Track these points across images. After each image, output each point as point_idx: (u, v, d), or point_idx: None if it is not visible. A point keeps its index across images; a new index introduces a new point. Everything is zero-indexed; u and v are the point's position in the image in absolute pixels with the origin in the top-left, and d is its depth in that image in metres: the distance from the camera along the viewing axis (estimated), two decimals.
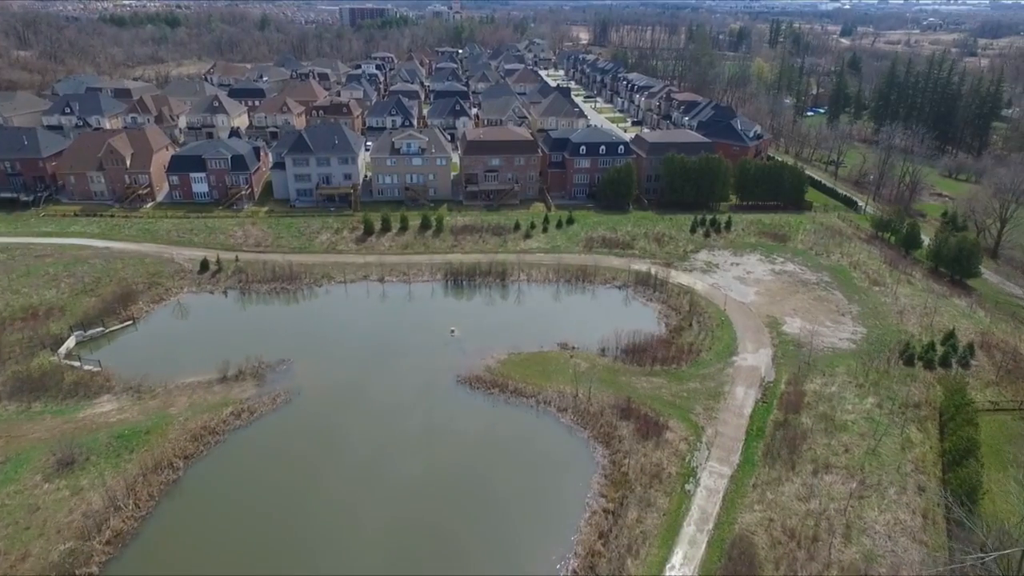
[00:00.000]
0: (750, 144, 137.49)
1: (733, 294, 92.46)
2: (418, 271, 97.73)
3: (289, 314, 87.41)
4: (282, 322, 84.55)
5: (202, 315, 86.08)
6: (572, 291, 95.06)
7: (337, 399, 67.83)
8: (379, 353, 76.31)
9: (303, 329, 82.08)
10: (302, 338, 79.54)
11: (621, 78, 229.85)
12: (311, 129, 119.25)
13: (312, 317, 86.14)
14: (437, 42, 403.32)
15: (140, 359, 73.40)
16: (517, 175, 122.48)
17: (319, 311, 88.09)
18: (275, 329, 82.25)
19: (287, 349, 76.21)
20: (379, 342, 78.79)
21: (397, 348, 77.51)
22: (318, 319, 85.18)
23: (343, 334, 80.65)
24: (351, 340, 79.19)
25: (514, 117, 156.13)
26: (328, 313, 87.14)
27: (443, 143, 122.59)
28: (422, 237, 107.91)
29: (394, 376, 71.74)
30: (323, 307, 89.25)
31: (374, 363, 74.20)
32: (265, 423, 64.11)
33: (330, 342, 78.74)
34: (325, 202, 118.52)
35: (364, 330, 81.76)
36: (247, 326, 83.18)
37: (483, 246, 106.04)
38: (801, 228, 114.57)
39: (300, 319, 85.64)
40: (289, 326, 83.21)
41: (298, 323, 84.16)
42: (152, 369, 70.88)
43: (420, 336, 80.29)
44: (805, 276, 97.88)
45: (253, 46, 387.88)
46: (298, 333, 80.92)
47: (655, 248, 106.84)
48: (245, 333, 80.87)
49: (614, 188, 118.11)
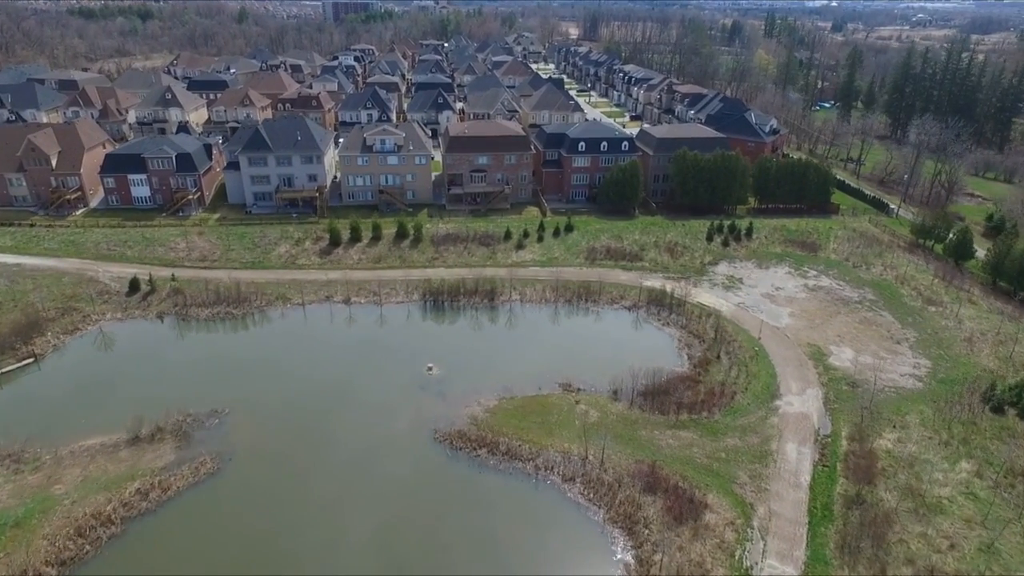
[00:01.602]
0: (767, 140, 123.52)
1: (764, 316, 78.28)
2: (391, 290, 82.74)
3: (232, 346, 72.09)
4: (222, 357, 69.21)
5: (124, 349, 70.52)
6: (573, 313, 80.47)
7: (276, 468, 52.70)
8: (338, 399, 61.31)
9: (247, 367, 66.83)
10: (244, 379, 64.42)
11: (617, 70, 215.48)
12: (270, 124, 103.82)
13: (260, 350, 70.87)
14: (422, 35, 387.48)
15: (31, 412, 57.95)
16: (507, 175, 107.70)
17: (269, 342, 72.86)
18: (212, 367, 66.97)
19: (224, 393, 61.21)
20: (339, 383, 63.79)
21: (361, 392, 62.56)
22: (267, 353, 69.93)
23: (296, 373, 65.52)
24: (305, 381, 64.07)
25: (503, 111, 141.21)
26: (280, 345, 71.92)
27: (422, 139, 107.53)
28: (397, 248, 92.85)
29: (354, 433, 56.77)
30: (275, 337, 74.04)
31: (331, 414, 59.18)
32: (180, 504, 48.89)
33: (279, 384, 63.61)
34: (287, 208, 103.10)
35: (322, 367, 66.67)
36: (178, 363, 67.70)
37: (468, 259, 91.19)
38: (831, 235, 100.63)
39: (245, 353, 70.32)
40: (230, 362, 67.91)
41: (242, 358, 68.84)
42: (44, 427, 55.49)
43: (390, 375, 65.39)
44: (845, 293, 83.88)
45: (229, 40, 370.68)
46: (240, 372, 65.74)
47: (667, 260, 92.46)
48: (175, 373, 65.51)
49: (618, 190, 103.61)
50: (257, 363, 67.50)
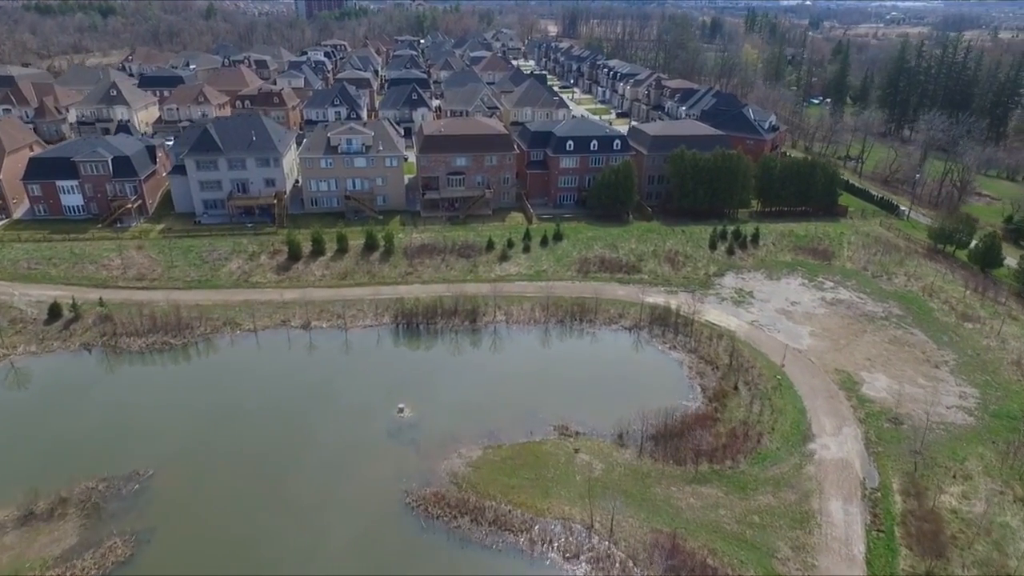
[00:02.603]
0: (767, 137, 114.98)
1: (781, 336, 69.24)
2: (358, 311, 72.25)
3: (168, 385, 60.97)
4: (155, 399, 58.12)
5: (36, 391, 59.22)
6: (566, 335, 70.73)
7: (206, 550, 42.12)
8: (290, 453, 50.82)
9: (184, 410, 55.93)
10: (179, 426, 53.60)
11: (600, 65, 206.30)
12: (222, 122, 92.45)
13: (201, 389, 59.91)
14: (398, 32, 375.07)
15: None
16: (488, 178, 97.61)
17: (212, 379, 61.94)
18: (141, 412, 55.96)
19: (152, 447, 50.58)
20: (292, 431, 53.28)
21: (318, 442, 52.14)
22: (209, 392, 59.06)
23: (241, 418, 54.87)
24: (251, 429, 53.48)
25: (483, 108, 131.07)
26: (225, 382, 61.09)
27: (393, 139, 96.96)
28: (366, 262, 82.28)
29: (307, 498, 46.34)
30: (219, 372, 63.15)
31: (279, 473, 48.68)
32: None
33: (219, 432, 52.95)
34: (241, 216, 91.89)
35: (273, 410, 56.06)
36: (100, 408, 56.55)
37: (446, 273, 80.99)
38: (844, 241, 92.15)
39: (182, 393, 59.30)
40: (164, 405, 56.90)
41: (178, 400, 57.82)
42: None
43: (355, 419, 55.02)
44: (868, 308, 75.21)
45: (195, 36, 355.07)
46: (175, 417, 54.87)
47: (668, 271, 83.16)
48: (93, 421, 54.47)
49: (611, 193, 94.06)
50: (196, 406, 56.62)
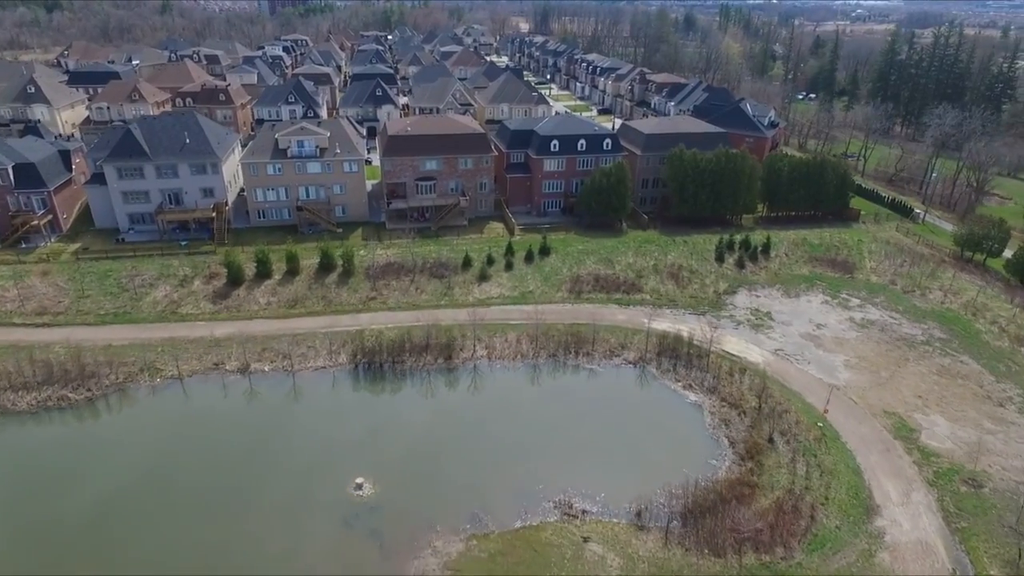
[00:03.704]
0: (768, 134, 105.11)
1: (813, 369, 58.83)
2: (309, 349, 59.86)
3: (57, 458, 47.87)
4: (34, 482, 45.10)
5: None
6: (560, 373, 59.35)
7: None
8: (210, 556, 38.42)
9: (67, 498, 43.12)
10: (59, 520, 40.81)
11: (579, 60, 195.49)
12: (149, 123, 78.84)
13: (102, 462, 47.07)
14: (364, 27, 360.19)
15: None
16: (463, 183, 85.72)
17: (120, 446, 48.99)
18: (18, 500, 42.97)
19: (18, 549, 37.64)
20: (216, 523, 40.90)
21: (251, 539, 39.87)
22: (111, 468, 46.26)
23: (143, 504, 42.27)
24: (159, 518, 40.90)
25: (455, 104, 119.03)
26: (135, 450, 48.22)
27: (353, 139, 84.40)
28: (320, 285, 69.77)
29: None
30: (129, 436, 50.17)
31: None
32: None
33: (112, 529, 40.30)
34: (175, 233, 78.56)
35: (193, 492, 43.57)
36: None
37: (416, 297, 68.95)
38: (863, 250, 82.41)
39: (79, 467, 46.36)
40: (44, 492, 43.96)
41: (66, 481, 44.90)
42: None
43: (300, 499, 42.88)
44: (905, 330, 65.27)
45: (148, 33, 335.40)
46: (55, 508, 42.03)
47: (672, 290, 72.32)
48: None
49: (602, 199, 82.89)
50: (93, 487, 43.84)
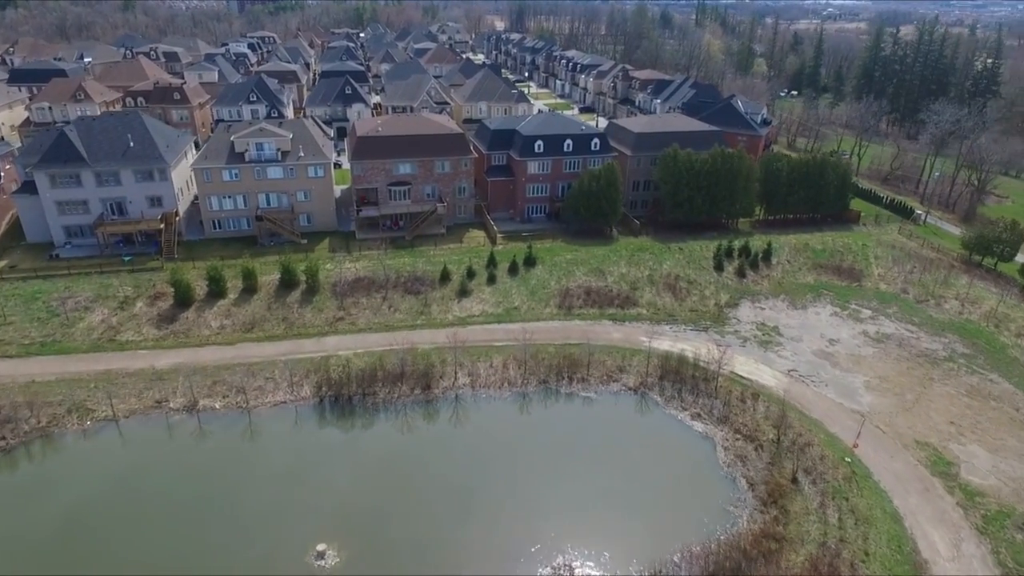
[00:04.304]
0: (761, 132, 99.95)
1: (831, 392, 53.23)
2: (268, 381, 52.62)
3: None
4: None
5: None
6: (552, 402, 52.96)
7: None
8: None
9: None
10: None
11: (558, 57, 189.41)
12: (87, 124, 70.56)
13: (12, 526, 39.39)
14: (335, 24, 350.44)
15: None
16: (440, 188, 78.83)
17: (36, 505, 41.30)
18: None
19: None
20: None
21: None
22: (24, 531, 38.63)
23: (64, 572, 34.94)
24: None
25: (430, 103, 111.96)
26: (54, 509, 40.62)
27: (318, 141, 76.99)
28: (281, 305, 62.40)
29: None
30: (48, 493, 42.53)
31: None
32: None
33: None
34: (119, 246, 70.49)
35: (121, 558, 36.22)
36: None
37: (389, 317, 61.96)
38: (869, 255, 77.36)
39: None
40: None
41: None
42: None
43: (249, 572, 35.87)
44: (925, 345, 60.09)
45: (109, 30, 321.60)
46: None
47: (670, 303, 66.36)
48: None
49: (591, 204, 76.61)
50: (2, 556, 36.28)
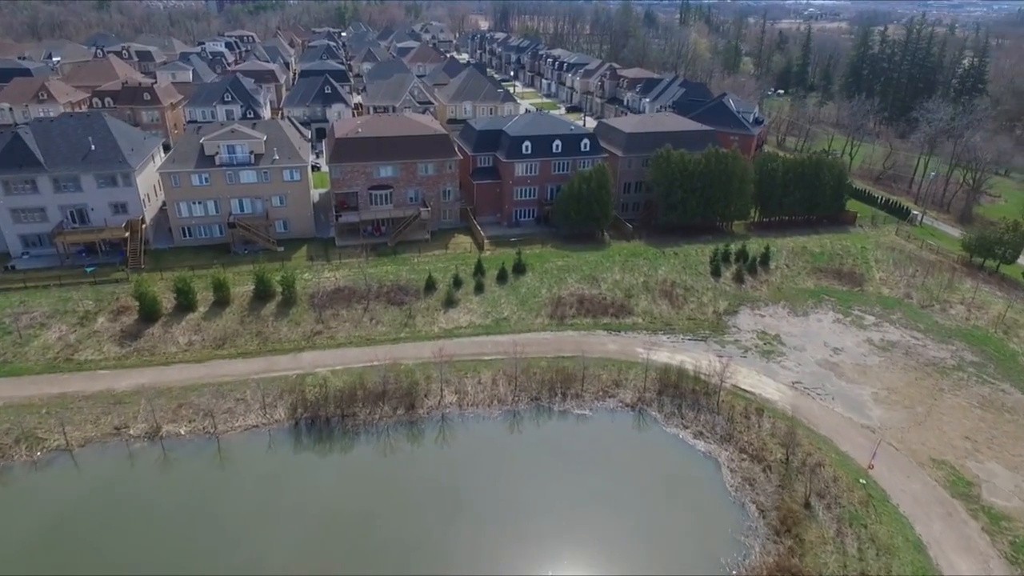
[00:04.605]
0: (754, 132, 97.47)
1: (839, 406, 50.44)
2: (239, 403, 48.76)
3: None
4: None
5: None
6: (545, 421, 49.66)
7: None
8: None
9: None
10: None
11: (544, 55, 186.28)
12: (44, 126, 66.02)
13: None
14: (316, 23, 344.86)
15: None
16: (424, 192, 75.22)
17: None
18: None
19: None
20: None
21: None
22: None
23: None
24: None
25: (413, 102, 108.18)
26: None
27: (294, 143, 73.03)
28: (255, 319, 58.45)
29: None
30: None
31: None
32: None
33: None
34: (81, 256, 66.10)
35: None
36: None
37: (370, 330, 58.27)
38: (869, 258, 74.91)
39: None
40: None
41: None
42: None
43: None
44: (932, 353, 57.58)
45: (83, 29, 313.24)
46: None
47: (667, 311, 63.33)
48: None
49: (581, 207, 73.40)
50: None
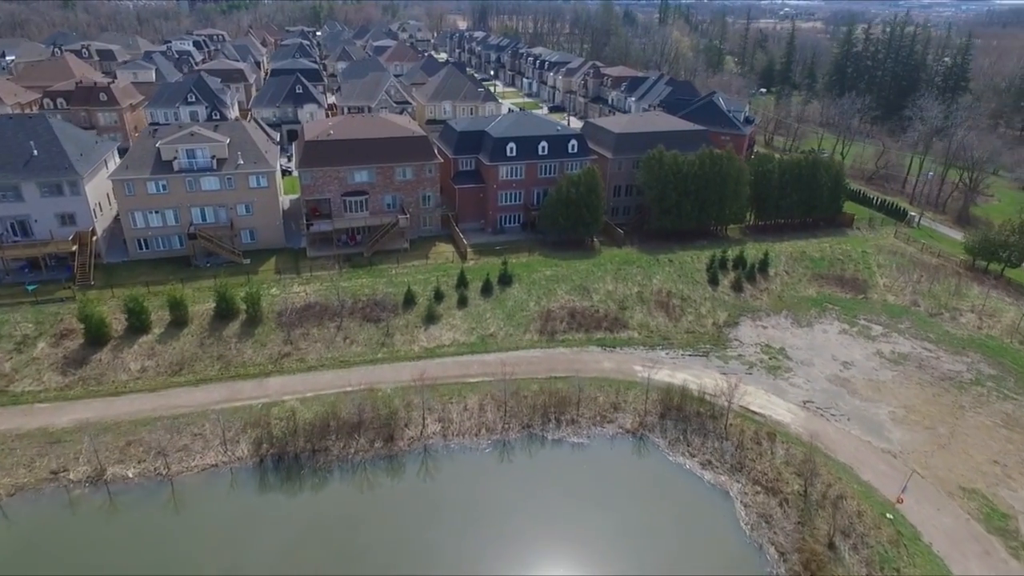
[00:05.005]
0: (745, 132, 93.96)
1: (856, 428, 46.63)
2: (196, 438, 43.52)
3: None
4: None
5: None
6: (538, 451, 45.18)
7: None
8: None
9: None
10: None
11: (524, 54, 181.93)
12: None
13: None
14: (291, 22, 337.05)
15: None
16: (402, 198, 70.28)
17: None
18: None
19: None
20: None
21: None
22: None
23: None
24: None
25: (389, 102, 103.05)
26: None
27: (261, 146, 67.61)
28: (216, 340, 53.11)
29: None
30: None
31: None
32: None
33: None
34: (24, 273, 60.11)
35: None
36: None
37: (344, 350, 53.28)
38: (871, 263, 71.55)
39: None
40: None
41: None
42: None
43: None
44: (946, 366, 54.16)
45: (46, 28, 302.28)
46: None
47: (664, 324, 59.23)
48: None
49: (570, 212, 69.01)
50: None
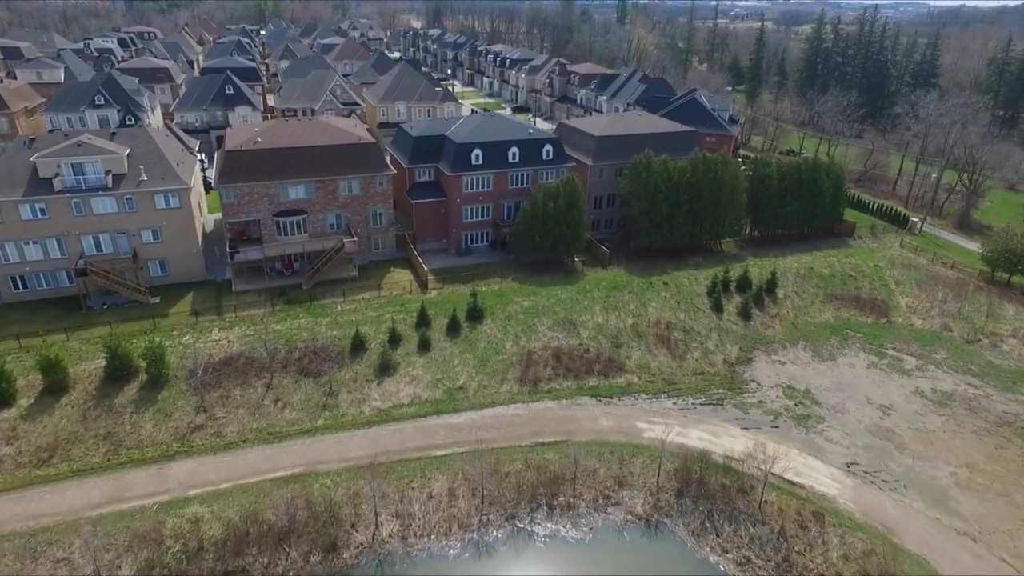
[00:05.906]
0: (732, 132, 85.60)
1: (915, 499, 37.75)
2: (59, 566, 31.54)
3: None
4: None
5: None
6: (525, 552, 34.86)
7: None
8: None
9: None
10: None
11: (483, 51, 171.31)
12: None
13: None
14: (232, 20, 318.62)
15: None
16: (348, 217, 58.84)
17: None
18: None
19: None
20: None
21: None
22: None
23: None
24: None
25: (335, 104, 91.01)
26: None
27: (171, 158, 55.27)
28: (105, 412, 40.94)
29: None
30: None
31: None
32: None
33: None
34: None
35: None
36: None
37: (274, 419, 41.78)
38: (887, 279, 63.49)
39: None
40: None
41: None
42: None
43: None
44: (1000, 407, 46.01)
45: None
46: None
47: (666, 363, 49.60)
48: None
49: (548, 230, 58.83)
50: None
